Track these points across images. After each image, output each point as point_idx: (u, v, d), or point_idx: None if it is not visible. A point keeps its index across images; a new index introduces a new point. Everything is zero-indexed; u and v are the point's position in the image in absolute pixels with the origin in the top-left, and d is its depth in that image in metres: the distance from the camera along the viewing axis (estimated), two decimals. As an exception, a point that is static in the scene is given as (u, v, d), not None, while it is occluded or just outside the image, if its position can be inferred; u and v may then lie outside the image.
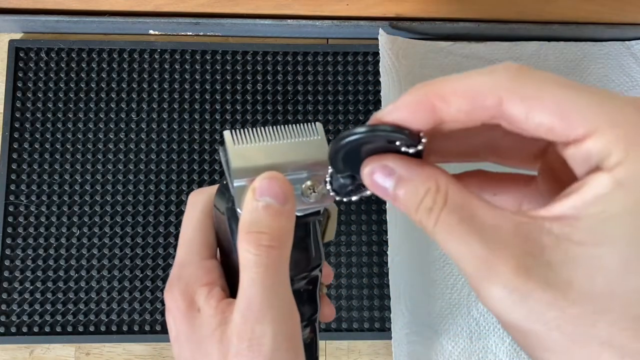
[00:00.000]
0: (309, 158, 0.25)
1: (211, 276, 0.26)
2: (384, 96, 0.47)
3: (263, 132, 0.25)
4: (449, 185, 0.19)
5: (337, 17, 0.49)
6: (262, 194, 0.23)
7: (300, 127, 0.25)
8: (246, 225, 0.23)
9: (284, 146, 0.25)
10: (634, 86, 0.50)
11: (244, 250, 0.23)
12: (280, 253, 0.23)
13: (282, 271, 0.23)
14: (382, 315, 0.46)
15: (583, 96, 0.17)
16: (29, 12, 0.49)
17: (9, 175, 0.47)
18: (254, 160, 0.24)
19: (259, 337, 0.23)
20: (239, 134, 0.24)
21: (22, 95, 0.48)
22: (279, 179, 0.23)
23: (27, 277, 0.45)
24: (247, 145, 0.24)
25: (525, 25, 0.50)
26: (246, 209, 0.23)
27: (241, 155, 0.24)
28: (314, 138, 0.25)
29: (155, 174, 0.48)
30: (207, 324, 0.24)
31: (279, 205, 0.23)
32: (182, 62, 0.50)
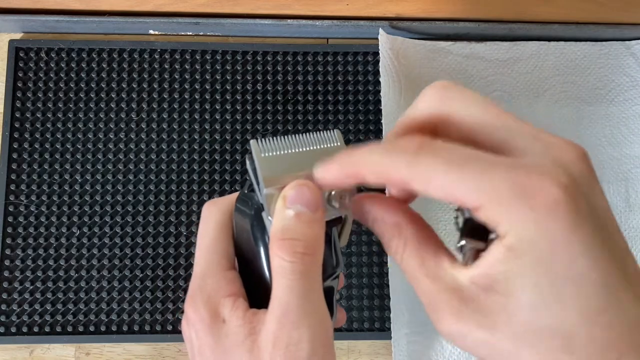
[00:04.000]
0: None
1: (234, 287, 0.26)
2: (383, 96, 0.47)
3: (286, 141, 0.25)
4: (408, 234, 0.23)
5: (337, 17, 0.49)
6: (294, 201, 0.23)
7: (320, 135, 0.26)
8: (279, 232, 0.23)
9: (308, 154, 0.25)
10: (634, 86, 0.50)
11: (277, 258, 0.23)
12: (313, 260, 0.24)
13: (316, 278, 0.24)
14: (382, 315, 0.46)
15: (465, 179, 0.20)
16: (29, 12, 0.49)
17: (9, 175, 0.47)
18: (281, 169, 0.25)
19: (297, 342, 0.23)
20: (264, 143, 0.25)
21: (22, 95, 0.48)
22: (309, 186, 0.24)
23: (27, 277, 0.45)
24: (274, 154, 0.25)
25: (525, 25, 0.50)
26: (277, 217, 0.24)
27: (269, 164, 0.24)
28: (335, 145, 0.26)
29: (155, 174, 0.48)
30: (235, 335, 0.24)
31: (310, 213, 0.23)
32: (182, 62, 0.50)
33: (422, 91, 0.22)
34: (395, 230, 0.24)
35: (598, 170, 0.22)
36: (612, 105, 0.50)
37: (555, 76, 0.50)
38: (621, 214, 0.47)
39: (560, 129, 0.49)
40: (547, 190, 0.20)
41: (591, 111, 0.49)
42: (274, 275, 0.23)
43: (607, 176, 0.48)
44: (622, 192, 0.48)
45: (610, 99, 0.50)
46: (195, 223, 0.47)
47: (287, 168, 0.25)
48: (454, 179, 0.20)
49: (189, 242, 0.47)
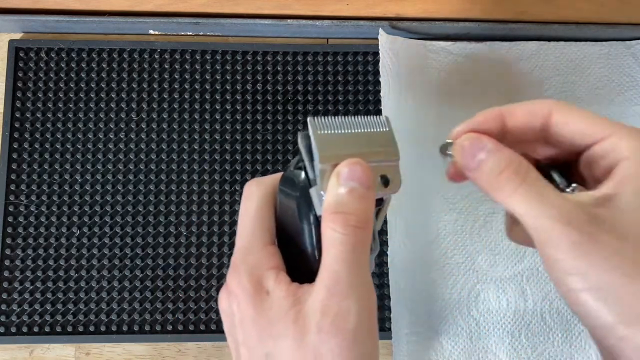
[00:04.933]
0: (380, 147, 0.26)
1: (276, 260, 0.26)
2: (383, 96, 0.47)
3: (341, 121, 0.26)
4: (529, 167, 0.25)
5: (337, 17, 0.49)
6: (348, 178, 0.24)
7: (371, 119, 0.27)
8: (332, 206, 0.24)
9: (360, 135, 0.26)
10: (634, 86, 0.50)
11: (330, 230, 0.24)
12: (365, 234, 0.24)
13: (366, 251, 0.24)
14: (382, 315, 0.46)
15: (600, 118, 0.26)
16: (29, 12, 0.49)
17: (9, 175, 0.47)
18: (336, 147, 0.25)
19: (345, 312, 0.23)
20: (321, 121, 0.26)
21: (22, 95, 0.48)
22: (363, 165, 0.25)
23: (27, 277, 0.45)
24: (329, 132, 0.26)
25: (525, 25, 0.50)
26: (331, 192, 0.24)
27: (324, 141, 0.25)
28: (384, 130, 0.27)
29: (155, 174, 0.48)
30: (279, 306, 0.24)
31: (363, 190, 0.24)
32: (182, 62, 0.50)
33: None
34: (516, 157, 0.25)
35: None
36: (612, 105, 0.50)
37: (555, 76, 0.50)
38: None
39: (560, 129, 0.49)
40: None
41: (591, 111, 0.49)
42: (325, 247, 0.24)
43: (607, 176, 0.48)
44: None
45: (610, 99, 0.50)
46: (196, 223, 0.47)
47: (341, 147, 0.26)
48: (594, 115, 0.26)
49: (189, 242, 0.47)
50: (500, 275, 0.46)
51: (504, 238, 0.47)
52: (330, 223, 0.24)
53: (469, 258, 0.46)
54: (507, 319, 0.45)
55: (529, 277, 0.46)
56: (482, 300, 0.46)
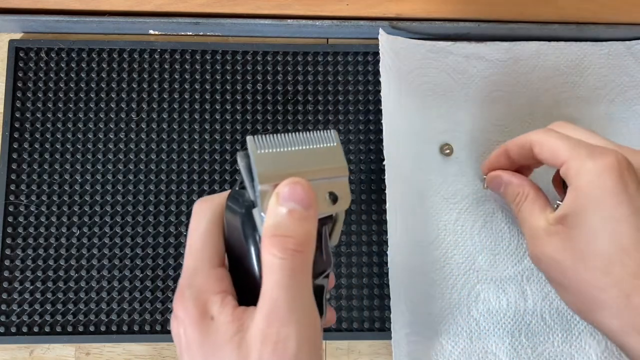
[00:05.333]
0: (326, 164, 0.26)
1: (223, 284, 0.26)
2: (384, 96, 0.47)
3: (283, 139, 0.25)
4: (527, 188, 0.39)
5: (337, 17, 0.49)
6: (287, 199, 0.24)
7: (317, 134, 0.26)
8: (271, 229, 0.24)
9: (304, 152, 0.25)
10: (634, 86, 0.50)
11: (269, 254, 0.23)
12: (304, 257, 0.24)
13: (306, 275, 0.24)
14: (382, 315, 0.46)
15: (566, 141, 0.35)
16: (29, 12, 0.49)
17: (9, 175, 0.47)
18: (276, 166, 0.25)
19: (284, 339, 0.23)
20: (261, 140, 0.25)
21: (22, 95, 0.48)
22: (303, 184, 0.24)
23: (27, 277, 0.45)
24: (270, 151, 0.25)
25: (525, 25, 0.50)
26: (270, 213, 0.24)
27: (264, 161, 0.25)
28: (331, 145, 0.26)
29: (155, 174, 0.48)
30: (223, 331, 0.24)
31: (303, 210, 0.24)
32: (182, 62, 0.50)
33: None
34: (520, 188, 0.39)
35: None
36: (613, 105, 0.50)
37: (555, 76, 0.50)
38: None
39: (560, 129, 0.49)
40: (609, 157, 0.32)
41: (591, 111, 0.49)
42: (264, 271, 0.24)
43: (607, 176, 0.48)
44: (622, 192, 0.48)
45: (610, 99, 0.50)
46: (195, 223, 0.47)
47: (282, 166, 0.25)
48: (556, 147, 0.35)
49: (189, 242, 0.46)
50: (500, 275, 0.46)
51: (504, 238, 0.47)
52: (269, 247, 0.23)
53: (469, 258, 0.46)
54: (507, 319, 0.45)
55: (529, 277, 0.46)
56: (482, 300, 0.46)
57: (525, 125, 0.49)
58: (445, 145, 0.48)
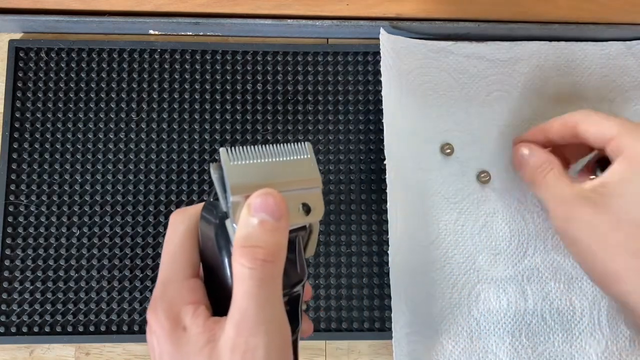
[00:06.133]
0: (300, 175, 0.26)
1: (196, 295, 0.26)
2: (385, 95, 0.47)
3: (256, 150, 0.26)
4: (555, 163, 0.40)
5: (337, 17, 0.49)
6: (258, 210, 0.24)
7: (291, 146, 0.26)
8: (241, 239, 0.24)
9: (277, 164, 0.26)
10: (634, 86, 0.50)
11: (239, 264, 0.24)
12: (274, 267, 0.24)
13: (275, 285, 0.24)
14: (382, 315, 0.46)
15: (611, 120, 0.37)
16: (29, 12, 0.49)
17: (9, 175, 0.47)
18: (249, 178, 0.25)
19: (253, 349, 0.23)
20: (233, 152, 0.25)
21: (22, 95, 0.48)
22: (274, 195, 0.24)
23: (27, 277, 0.45)
24: (242, 162, 0.25)
25: (525, 25, 0.50)
26: (242, 224, 0.24)
27: (237, 172, 0.25)
28: (304, 157, 0.26)
29: (155, 174, 0.48)
30: (195, 342, 0.24)
31: (274, 221, 0.24)
32: (182, 62, 0.50)
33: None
34: (548, 159, 0.40)
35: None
36: (613, 105, 0.50)
37: (555, 76, 0.50)
38: (622, 214, 0.47)
39: (560, 129, 0.49)
40: None
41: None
42: (235, 282, 0.24)
43: (608, 176, 0.48)
44: (622, 192, 0.48)
45: (611, 99, 0.50)
46: (195, 223, 0.47)
47: (255, 177, 0.25)
48: (602, 125, 0.37)
49: (189, 242, 0.46)
50: (500, 275, 0.46)
51: (504, 238, 0.47)
52: (239, 257, 0.24)
53: (469, 258, 0.46)
54: (508, 319, 0.45)
55: (530, 277, 0.46)
56: (482, 300, 0.45)
57: (526, 125, 0.49)
58: (445, 144, 0.48)
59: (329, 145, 0.49)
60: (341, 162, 0.48)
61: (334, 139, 0.49)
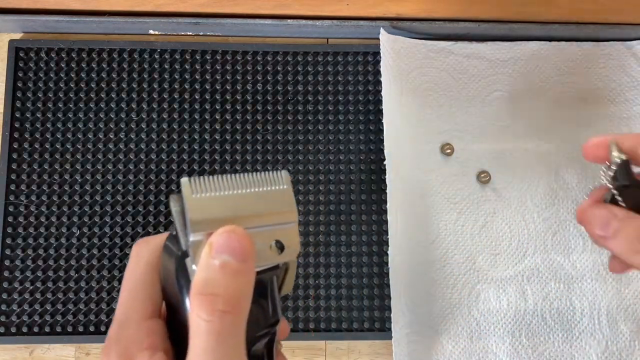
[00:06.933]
0: (273, 209, 0.23)
1: (153, 339, 0.23)
2: (384, 95, 0.47)
3: (224, 181, 0.23)
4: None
5: (337, 17, 0.49)
6: (220, 250, 0.21)
7: (265, 175, 0.23)
8: (199, 285, 0.21)
9: (247, 197, 0.23)
10: (634, 86, 0.50)
11: (195, 315, 0.21)
12: (235, 318, 0.21)
13: (236, 338, 0.22)
14: (382, 315, 0.46)
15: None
16: (29, 12, 0.49)
17: (9, 175, 0.47)
18: (213, 212, 0.22)
19: None
20: (198, 182, 0.22)
21: (22, 95, 0.48)
22: (238, 233, 0.22)
23: (27, 277, 0.45)
24: (207, 195, 0.22)
25: (525, 25, 0.50)
26: (201, 266, 0.21)
27: (200, 206, 0.22)
28: (280, 187, 0.24)
29: (155, 174, 0.48)
30: None
31: (237, 264, 0.21)
32: (182, 62, 0.50)
33: None
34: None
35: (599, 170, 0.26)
36: (613, 106, 0.50)
37: (555, 76, 0.50)
38: (622, 214, 0.47)
39: (560, 129, 0.49)
40: None
41: (592, 111, 0.49)
42: (191, 333, 0.21)
43: (608, 176, 0.48)
44: (622, 192, 0.48)
45: (611, 99, 0.50)
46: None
47: (220, 212, 0.22)
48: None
49: (189, 242, 0.46)
50: (500, 275, 0.46)
51: (504, 238, 0.47)
52: (196, 307, 0.21)
53: (469, 258, 0.46)
54: (508, 319, 0.45)
55: (530, 277, 0.46)
56: (482, 300, 0.45)
57: (526, 125, 0.49)
58: (446, 145, 0.48)
59: (329, 145, 0.49)
60: (341, 162, 0.48)
61: (334, 139, 0.49)
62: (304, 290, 0.46)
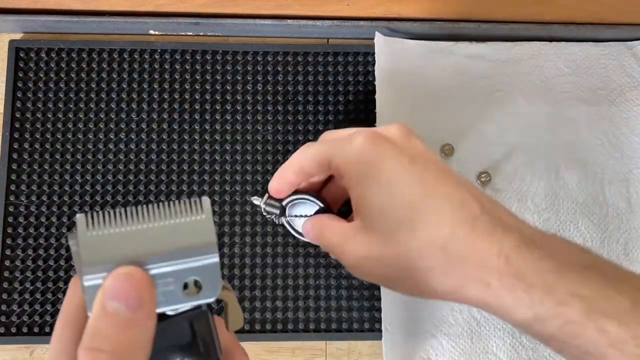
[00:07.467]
0: (187, 242, 0.20)
1: None
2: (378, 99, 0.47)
3: (129, 214, 0.20)
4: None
5: (337, 17, 0.49)
6: (110, 297, 0.19)
7: (181, 205, 0.21)
8: (86, 338, 0.19)
9: (155, 230, 0.20)
10: (635, 87, 0.50)
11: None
12: None
13: None
14: (382, 316, 0.46)
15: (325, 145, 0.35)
16: (29, 12, 0.49)
17: (9, 175, 0.47)
18: (111, 251, 0.19)
19: None
20: (97, 217, 0.20)
21: (22, 95, 0.48)
22: (132, 276, 0.19)
23: (27, 277, 0.45)
24: (106, 232, 0.20)
25: (525, 26, 0.50)
26: (93, 315, 0.19)
27: (96, 245, 0.19)
28: (197, 217, 0.21)
29: (155, 174, 0.48)
30: None
31: (129, 313, 0.19)
32: (182, 62, 0.50)
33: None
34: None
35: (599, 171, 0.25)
36: (614, 106, 0.50)
37: (556, 77, 0.50)
38: (622, 214, 0.47)
39: (561, 130, 0.49)
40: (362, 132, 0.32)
41: (592, 112, 0.49)
42: None
43: (608, 176, 0.48)
44: (623, 193, 0.48)
45: (611, 100, 0.50)
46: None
47: (120, 251, 0.20)
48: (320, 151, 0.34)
49: (189, 242, 0.46)
50: (500, 275, 0.46)
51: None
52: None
53: (469, 258, 0.46)
54: (508, 320, 0.45)
55: (529, 277, 0.46)
56: (482, 300, 0.45)
57: (526, 126, 0.49)
58: (446, 145, 0.48)
59: (329, 146, 0.49)
60: (341, 162, 0.48)
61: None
62: (304, 291, 0.46)
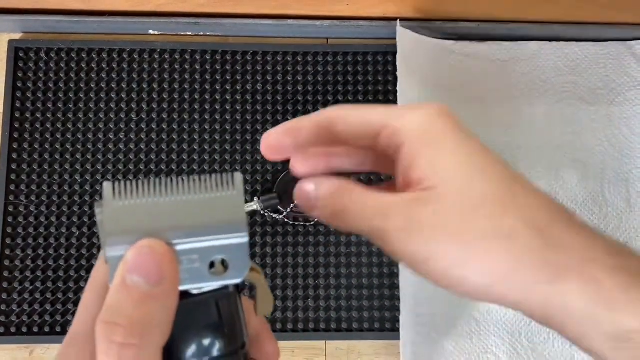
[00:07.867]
0: (216, 219, 0.19)
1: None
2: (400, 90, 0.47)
3: (158, 185, 0.19)
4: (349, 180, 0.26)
5: (337, 17, 0.49)
6: (130, 270, 0.18)
7: (213, 178, 0.19)
8: (104, 311, 0.18)
9: (184, 203, 0.19)
10: (634, 86, 0.50)
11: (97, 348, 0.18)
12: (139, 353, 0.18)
13: None
14: (382, 316, 0.46)
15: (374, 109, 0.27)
16: (29, 12, 0.49)
17: (9, 175, 0.47)
18: (136, 223, 0.19)
19: None
20: (124, 187, 0.19)
21: (22, 95, 0.48)
22: (155, 249, 0.18)
23: (27, 277, 0.45)
24: (132, 202, 0.19)
25: (525, 25, 0.50)
26: (113, 287, 0.18)
27: (120, 215, 0.19)
28: (228, 193, 0.19)
29: (155, 174, 0.48)
30: None
31: (148, 287, 0.18)
32: (182, 62, 0.50)
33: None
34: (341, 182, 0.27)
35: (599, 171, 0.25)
36: (613, 106, 0.50)
37: (556, 76, 0.50)
38: (622, 214, 0.47)
39: (560, 129, 0.49)
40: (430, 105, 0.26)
41: (592, 111, 0.49)
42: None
43: (608, 176, 0.48)
44: (622, 193, 0.48)
45: (611, 99, 0.50)
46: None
47: (145, 222, 0.19)
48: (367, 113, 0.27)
49: (189, 242, 0.46)
50: (500, 275, 0.46)
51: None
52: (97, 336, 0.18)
53: (469, 258, 0.46)
54: (508, 319, 0.45)
55: (529, 277, 0.46)
56: (482, 300, 0.46)
57: (527, 125, 0.49)
58: None
59: (329, 146, 0.49)
60: (341, 162, 0.48)
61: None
62: (304, 290, 0.46)
